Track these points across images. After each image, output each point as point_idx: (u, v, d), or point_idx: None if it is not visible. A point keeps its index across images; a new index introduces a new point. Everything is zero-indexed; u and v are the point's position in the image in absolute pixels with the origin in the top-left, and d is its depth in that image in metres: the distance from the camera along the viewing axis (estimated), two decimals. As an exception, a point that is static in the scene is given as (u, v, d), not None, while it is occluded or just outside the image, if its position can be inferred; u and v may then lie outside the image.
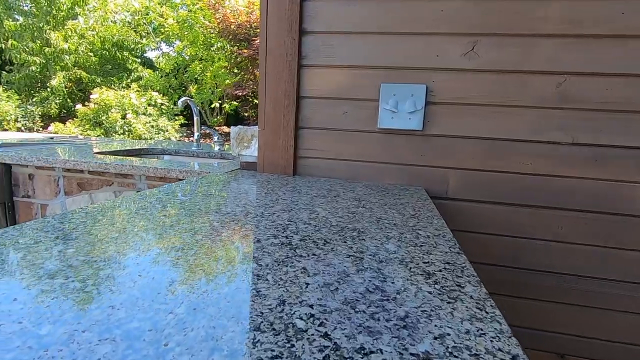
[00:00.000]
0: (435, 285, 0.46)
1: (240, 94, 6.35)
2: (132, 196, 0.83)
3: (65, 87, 8.51)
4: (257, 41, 5.93)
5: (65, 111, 9.15)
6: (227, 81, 7.27)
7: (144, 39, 8.15)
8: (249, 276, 0.45)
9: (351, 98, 1.22)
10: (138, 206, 0.75)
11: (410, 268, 0.51)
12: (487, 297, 0.43)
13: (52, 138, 2.24)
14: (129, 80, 9.62)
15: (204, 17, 6.85)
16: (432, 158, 1.20)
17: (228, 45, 6.72)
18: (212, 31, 6.29)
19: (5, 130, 6.37)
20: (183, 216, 0.69)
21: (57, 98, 8.50)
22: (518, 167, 1.16)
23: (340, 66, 1.21)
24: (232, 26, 5.93)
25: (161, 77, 8.05)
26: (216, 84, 7.31)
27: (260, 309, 0.37)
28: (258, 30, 6.42)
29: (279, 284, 0.43)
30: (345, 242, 0.60)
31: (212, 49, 7.79)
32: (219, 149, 2.01)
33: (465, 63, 1.13)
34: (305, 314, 0.37)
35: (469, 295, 0.44)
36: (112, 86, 9.26)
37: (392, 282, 0.46)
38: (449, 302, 0.41)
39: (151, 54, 9.93)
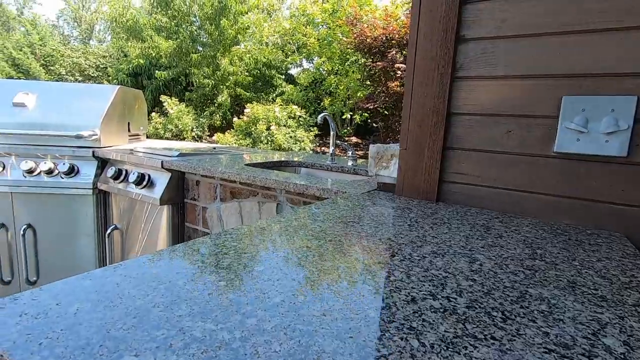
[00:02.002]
0: None
1: (371, 106, 6.39)
2: (277, 220, 0.83)
3: (228, 103, 10.16)
4: (391, 53, 5.88)
5: (225, 123, 10.91)
6: (359, 93, 7.43)
7: (289, 57, 9.09)
8: (411, 361, 0.35)
9: (518, 114, 1.00)
10: (281, 236, 0.74)
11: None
12: None
13: (214, 148, 2.62)
14: (274, 95, 10.87)
15: (341, 34, 7.18)
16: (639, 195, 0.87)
17: (362, 59, 6.87)
18: (348, 46, 6.54)
19: (184, 139, 8.01)
20: (324, 250, 0.64)
21: (221, 112, 10.23)
22: None
23: (505, 77, 1.01)
24: (368, 39, 6.02)
25: (300, 91, 8.80)
26: (349, 96, 7.56)
27: None
28: (393, 42, 6.38)
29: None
30: (534, 322, 0.44)
31: (346, 63, 8.11)
32: (352, 164, 2.00)
33: None
34: None
35: None
36: (261, 101, 10.59)
37: None
38: None
39: (293, 71, 11.01)
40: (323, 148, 7.99)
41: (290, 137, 5.90)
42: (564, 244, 0.77)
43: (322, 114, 1.99)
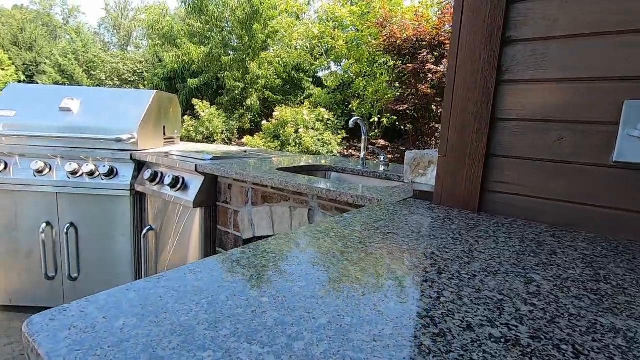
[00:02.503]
0: None
1: (400, 108, 6.28)
2: (313, 230, 0.81)
3: (256, 106, 10.33)
4: (422, 55, 5.75)
5: (254, 125, 11.10)
6: (388, 96, 7.33)
7: (317, 61, 9.13)
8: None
9: (571, 120, 0.93)
10: (320, 248, 0.72)
11: None
12: None
13: (245, 151, 2.65)
14: (302, 98, 10.94)
15: (370, 36, 7.12)
16: None
17: (392, 61, 6.77)
18: (377, 48, 6.47)
19: (214, 141, 8.22)
20: (366, 265, 0.61)
21: (250, 115, 10.41)
22: None
23: (557, 80, 0.94)
24: (398, 41, 5.93)
25: (328, 93, 8.81)
26: (377, 98, 7.47)
27: None
28: (424, 43, 6.25)
29: None
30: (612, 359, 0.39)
31: (374, 65, 8.03)
32: (383, 169, 1.96)
33: None
34: None
35: None
36: (289, 103, 10.68)
37: None
38: None
39: (321, 73, 11.04)
40: (350, 151, 7.94)
41: (318, 140, 5.91)
42: (628, 263, 0.70)
43: (353, 118, 1.96)
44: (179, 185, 1.91)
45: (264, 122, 6.43)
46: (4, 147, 2.21)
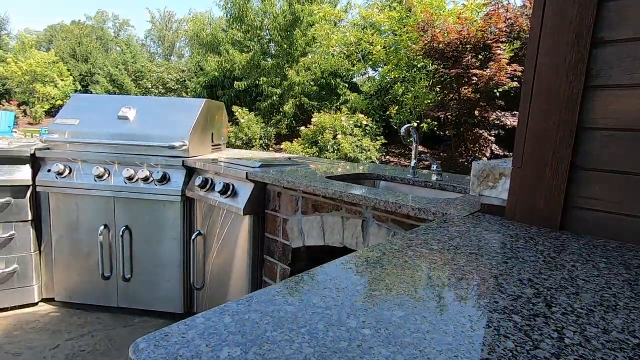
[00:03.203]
0: None
1: (442, 114, 6.08)
2: (387, 248, 0.76)
3: (293, 112, 10.46)
4: (466, 58, 5.54)
5: (290, 131, 11.22)
6: (427, 101, 7.14)
7: (355, 66, 9.10)
8: None
9: (680, 130, 0.82)
10: (401, 268, 0.67)
11: None
12: None
13: (289, 158, 2.65)
14: (338, 104, 10.94)
15: (409, 40, 6.98)
16: None
17: (431, 65, 6.59)
18: (418, 53, 6.33)
19: (252, 147, 8.40)
20: (459, 290, 0.56)
21: (287, 120, 10.55)
22: None
23: (660, 84, 0.83)
24: (440, 45, 5.76)
25: (365, 99, 8.74)
26: (416, 104, 7.30)
27: None
28: (468, 47, 6.02)
29: None
30: None
31: (413, 70, 7.87)
32: (436, 178, 1.87)
33: None
34: None
35: None
36: (325, 109, 10.69)
37: None
38: None
39: (357, 79, 11.00)
40: (387, 157, 7.80)
41: (357, 146, 5.85)
42: None
43: (405, 126, 1.90)
44: (229, 192, 1.93)
45: (302, 128, 6.48)
46: (69, 153, 2.35)
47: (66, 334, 2.22)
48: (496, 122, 5.97)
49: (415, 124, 8.05)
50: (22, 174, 2.30)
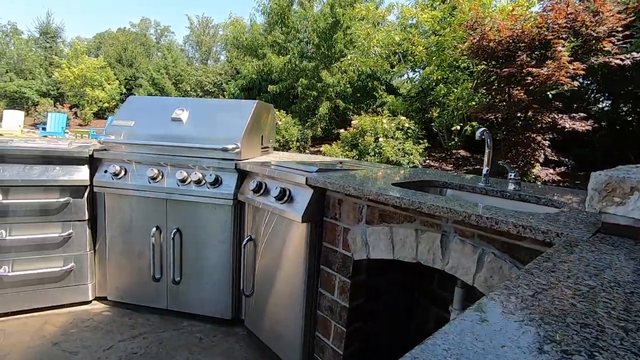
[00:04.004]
0: None
1: (491, 116, 5.74)
2: (534, 283, 0.61)
3: (328, 114, 10.39)
4: (520, 57, 5.19)
5: (325, 133, 11.15)
6: (472, 103, 6.80)
7: (395, 68, 8.87)
8: None
9: None
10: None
11: None
12: None
13: (341, 163, 2.54)
14: (374, 106, 10.75)
15: (455, 39, 6.69)
16: None
17: (477, 65, 6.27)
18: (464, 52, 6.03)
19: (289, 149, 8.40)
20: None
21: (322, 123, 10.50)
22: None
23: None
24: (491, 44, 5.44)
25: (403, 101, 8.49)
26: (459, 106, 6.98)
27: None
28: (522, 45, 5.64)
29: None
30: None
31: (456, 71, 7.56)
32: (514, 188, 1.69)
33: None
34: None
35: None
36: (361, 112, 10.52)
37: None
38: None
39: (396, 80, 10.74)
40: (427, 161, 7.50)
41: (399, 149, 5.64)
42: None
43: (480, 129, 1.72)
44: (285, 198, 1.84)
45: (342, 130, 6.36)
46: (124, 154, 2.37)
47: (118, 335, 2.22)
48: (551, 125, 5.55)
49: (458, 127, 7.70)
50: (81, 174, 2.34)
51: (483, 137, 1.75)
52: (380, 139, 5.55)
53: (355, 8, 9.25)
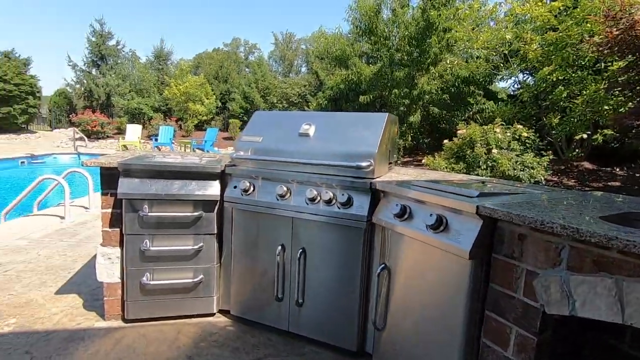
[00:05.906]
0: None
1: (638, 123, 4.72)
2: None
3: (419, 123, 9.86)
4: (688, 47, 4.16)
5: (415, 142, 10.58)
6: (606, 107, 5.73)
7: (500, 70, 8.00)
8: None
9: None
10: None
11: None
12: None
13: (483, 182, 2.17)
14: (471, 112, 9.88)
15: (585, 32, 5.73)
16: None
17: (620, 62, 5.24)
18: (600, 47, 5.10)
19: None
20: None
21: (412, 132, 9.99)
22: None
23: None
24: (641, 34, 4.49)
25: (512, 106, 7.58)
26: (589, 110, 5.93)
27: None
28: (688, 32, 4.55)
29: None
30: None
31: (581, 70, 6.49)
32: None
33: None
34: None
35: None
36: (454, 119, 9.75)
37: None
38: None
39: (498, 84, 9.75)
40: (553, 177, 6.50)
41: (517, 162, 4.96)
42: None
43: None
44: (442, 227, 1.57)
45: (446, 141, 5.85)
46: (252, 170, 2.35)
47: (244, 354, 2.17)
48: None
49: (585, 135, 6.57)
50: (214, 189, 2.38)
51: None
52: (494, 150, 4.94)
53: (450, 8, 8.64)
